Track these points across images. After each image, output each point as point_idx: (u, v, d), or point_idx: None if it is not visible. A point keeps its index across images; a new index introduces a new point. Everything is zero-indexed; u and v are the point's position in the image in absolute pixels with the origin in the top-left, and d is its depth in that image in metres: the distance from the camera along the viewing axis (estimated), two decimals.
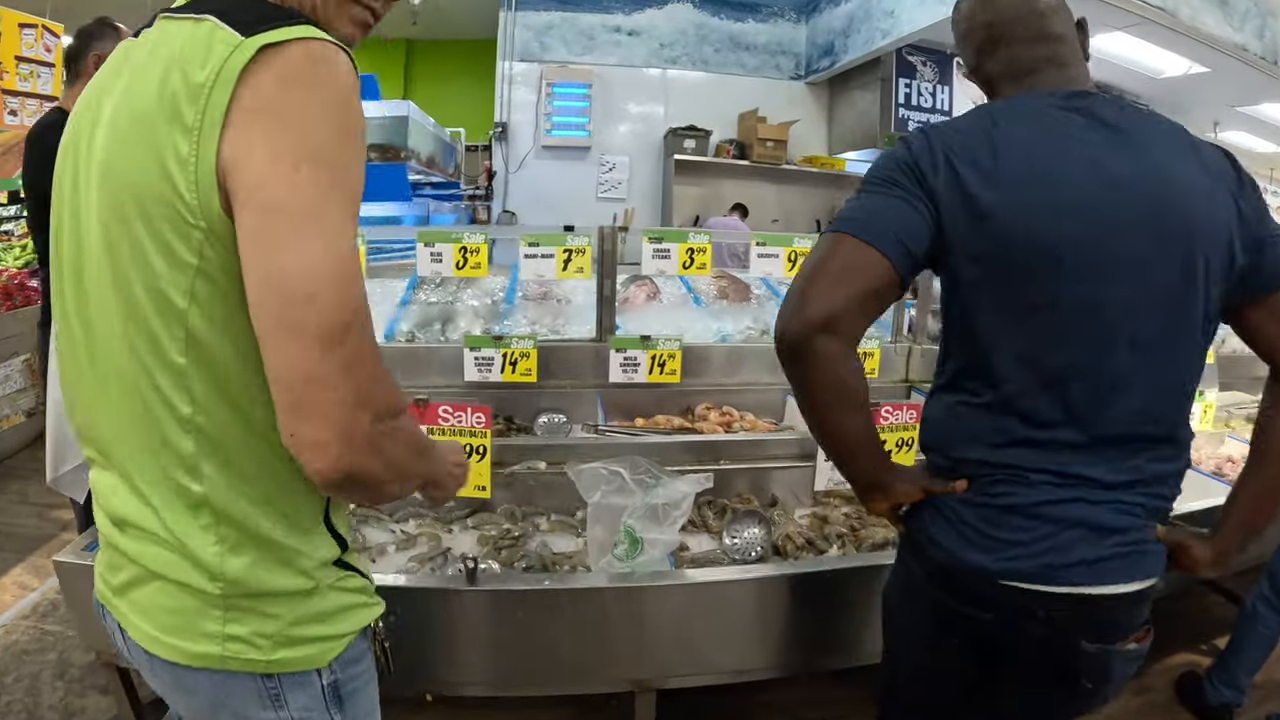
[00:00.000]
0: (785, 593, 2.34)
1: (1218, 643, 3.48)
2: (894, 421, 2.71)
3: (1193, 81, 9.30)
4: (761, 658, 2.39)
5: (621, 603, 2.22)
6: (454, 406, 2.43)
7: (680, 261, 3.48)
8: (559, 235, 3.32)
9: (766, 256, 3.56)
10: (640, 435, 3.10)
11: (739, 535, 2.66)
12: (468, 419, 2.44)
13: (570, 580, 2.23)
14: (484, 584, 2.12)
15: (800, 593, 2.34)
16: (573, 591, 2.19)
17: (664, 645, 2.30)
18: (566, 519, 2.77)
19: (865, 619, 2.32)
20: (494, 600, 2.16)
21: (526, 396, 3.41)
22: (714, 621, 2.30)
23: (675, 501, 2.25)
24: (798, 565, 2.46)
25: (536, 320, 3.63)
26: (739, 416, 3.55)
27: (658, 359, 3.44)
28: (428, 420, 2.42)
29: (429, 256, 3.22)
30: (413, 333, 3.46)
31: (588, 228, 3.37)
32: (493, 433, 2.48)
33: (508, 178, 9.31)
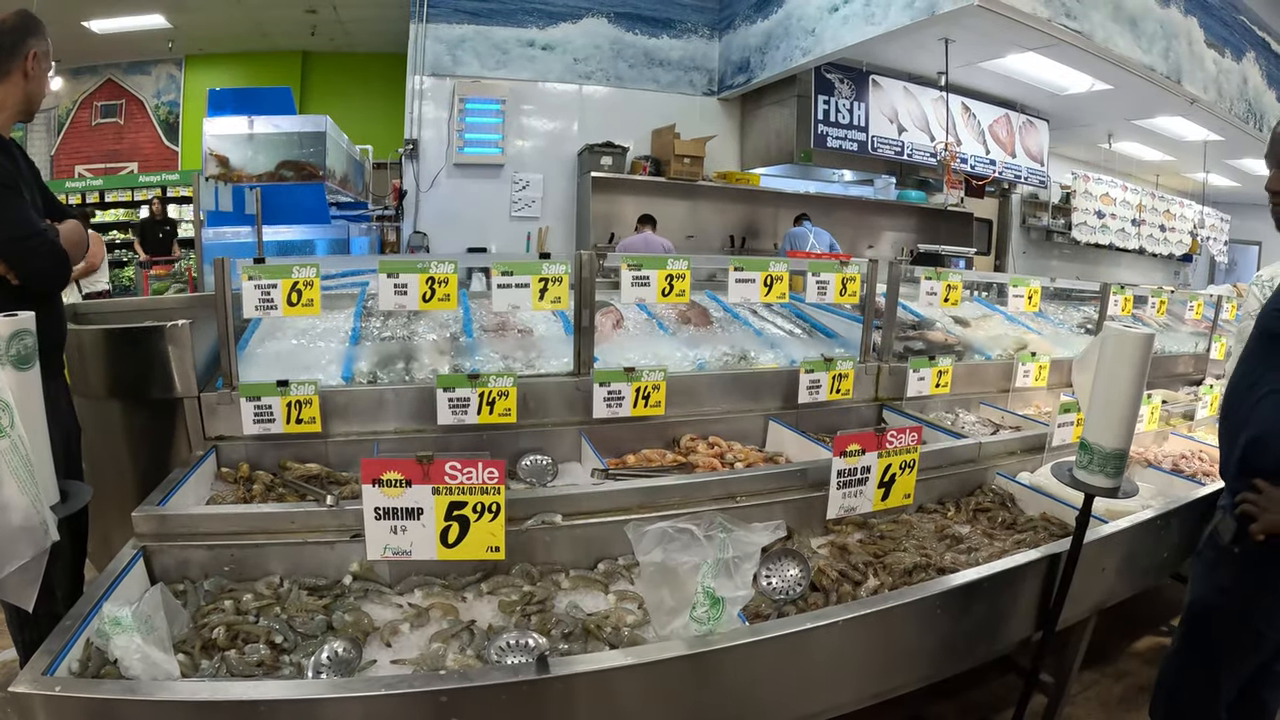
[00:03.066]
0: (888, 625, 2.24)
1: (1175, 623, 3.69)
2: (898, 445, 2.59)
3: (1094, 97, 9.71)
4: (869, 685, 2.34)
5: (728, 665, 2.01)
6: (463, 462, 2.15)
7: (659, 289, 3.28)
8: (534, 263, 3.07)
9: (744, 282, 3.43)
10: (656, 477, 2.86)
11: (777, 576, 2.47)
12: (479, 475, 2.15)
13: (656, 652, 1.95)
14: (559, 669, 1.83)
15: (899, 621, 2.25)
16: (667, 664, 1.92)
17: (778, 696, 2.14)
18: (587, 574, 2.51)
19: (967, 630, 2.39)
20: (578, 688, 1.86)
21: (505, 437, 3.14)
22: (817, 665, 2.18)
23: (747, 554, 2.05)
24: (901, 596, 2.30)
25: (507, 355, 3.36)
26: (728, 447, 3.37)
27: (642, 391, 3.24)
28: (433, 479, 2.13)
29: (392, 289, 2.92)
30: (374, 373, 3.14)
31: (562, 255, 3.13)
32: None
33: (419, 197, 8.98)
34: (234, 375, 2.96)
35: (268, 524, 2.37)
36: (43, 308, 2.75)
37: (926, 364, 3.86)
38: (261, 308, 2.85)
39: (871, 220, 11.79)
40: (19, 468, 1.78)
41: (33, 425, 1.91)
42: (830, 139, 9.42)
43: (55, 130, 14.35)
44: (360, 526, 2.18)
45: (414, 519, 2.11)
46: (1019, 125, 11.56)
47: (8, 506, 1.78)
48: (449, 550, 2.14)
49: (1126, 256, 13.84)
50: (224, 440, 2.96)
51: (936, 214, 11.89)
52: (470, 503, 2.12)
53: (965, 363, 4.20)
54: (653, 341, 3.81)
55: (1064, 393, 4.19)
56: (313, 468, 2.89)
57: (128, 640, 1.72)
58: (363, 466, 2.07)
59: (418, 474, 2.10)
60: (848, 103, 9.53)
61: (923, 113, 10.33)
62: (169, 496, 2.44)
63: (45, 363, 2.76)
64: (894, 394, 3.89)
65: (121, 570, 2.13)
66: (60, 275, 2.70)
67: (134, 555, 2.21)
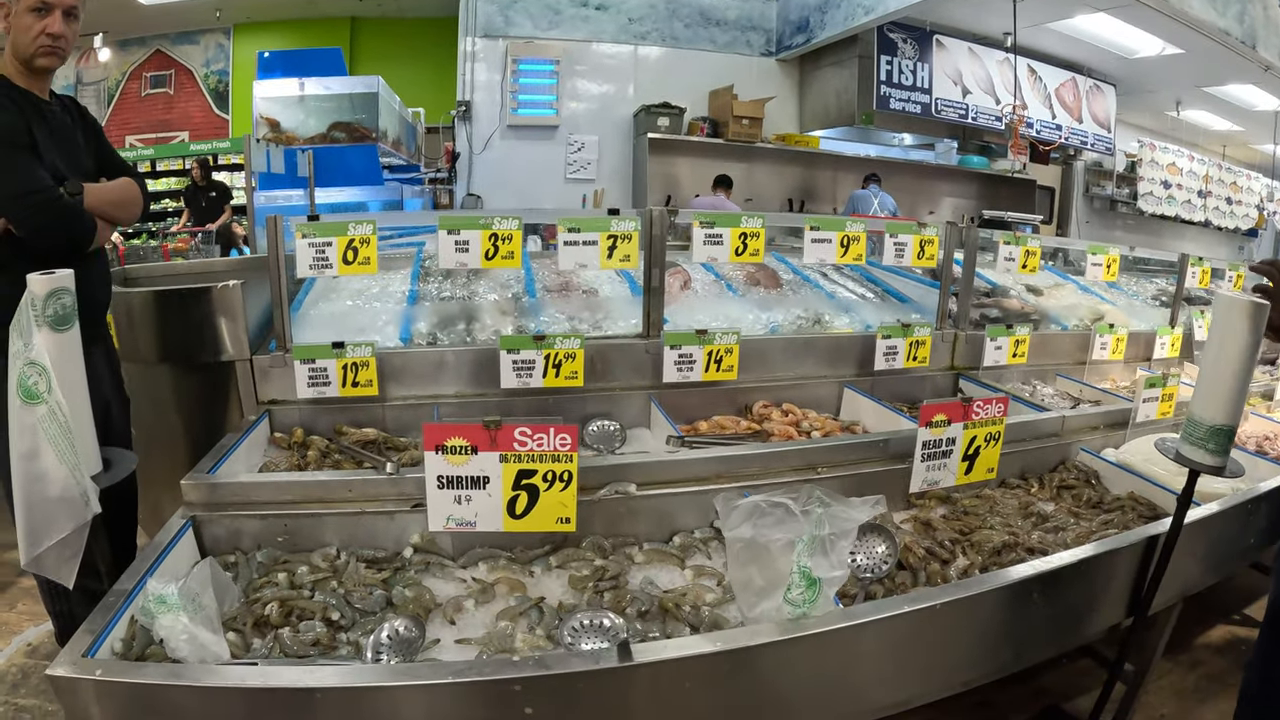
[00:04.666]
0: (985, 609, 2.05)
1: (1249, 612, 3.73)
2: (984, 416, 2.45)
3: (1164, 62, 9.33)
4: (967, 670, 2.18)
5: (824, 651, 1.84)
6: (533, 428, 1.97)
7: (732, 248, 3.07)
8: (602, 219, 2.88)
9: (820, 242, 3.21)
10: (734, 445, 2.67)
11: (863, 553, 2.28)
12: (550, 441, 1.98)
13: (748, 636, 1.76)
14: (644, 656, 1.64)
15: (995, 605, 2.07)
16: (760, 651, 1.73)
17: (871, 684, 2.00)
18: (662, 547, 2.34)
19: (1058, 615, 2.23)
20: (664, 676, 1.67)
21: (571, 402, 2.96)
22: (913, 650, 2.00)
23: (844, 532, 1.85)
24: (999, 578, 2.09)
25: (572, 316, 3.17)
26: (802, 414, 3.18)
27: (714, 355, 3.06)
28: (501, 445, 1.96)
29: (453, 246, 2.74)
30: (433, 334, 2.97)
31: (631, 211, 2.93)
32: None
33: (472, 159, 8.80)
34: (287, 337, 2.82)
35: (323, 493, 2.22)
36: (83, 267, 2.65)
37: (1004, 332, 3.63)
38: (316, 267, 2.70)
39: (931, 185, 11.38)
40: (57, 436, 1.64)
41: (72, 390, 1.77)
42: (893, 101, 9.08)
43: (105, 102, 14.42)
44: (421, 496, 2.02)
45: (479, 488, 1.97)
46: (1086, 90, 11.08)
47: (45, 477, 1.64)
48: (516, 521, 2.00)
49: (1191, 229, 13.27)
50: (277, 405, 2.82)
51: (998, 180, 11.46)
52: (540, 471, 1.97)
53: (1040, 332, 3.95)
54: (722, 303, 3.60)
55: (1141, 367, 4.06)
56: (369, 433, 2.73)
57: (173, 620, 1.57)
58: (425, 432, 1.91)
59: (484, 440, 1.94)
60: (911, 64, 9.18)
61: (987, 75, 9.93)
62: (219, 464, 2.30)
63: (87, 326, 2.67)
64: (969, 363, 3.68)
65: (169, 542, 1.99)
66: (76, 234, 2.58)
67: (183, 525, 2.07)
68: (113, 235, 2.82)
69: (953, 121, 9.88)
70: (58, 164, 2.56)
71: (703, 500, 2.38)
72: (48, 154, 2.53)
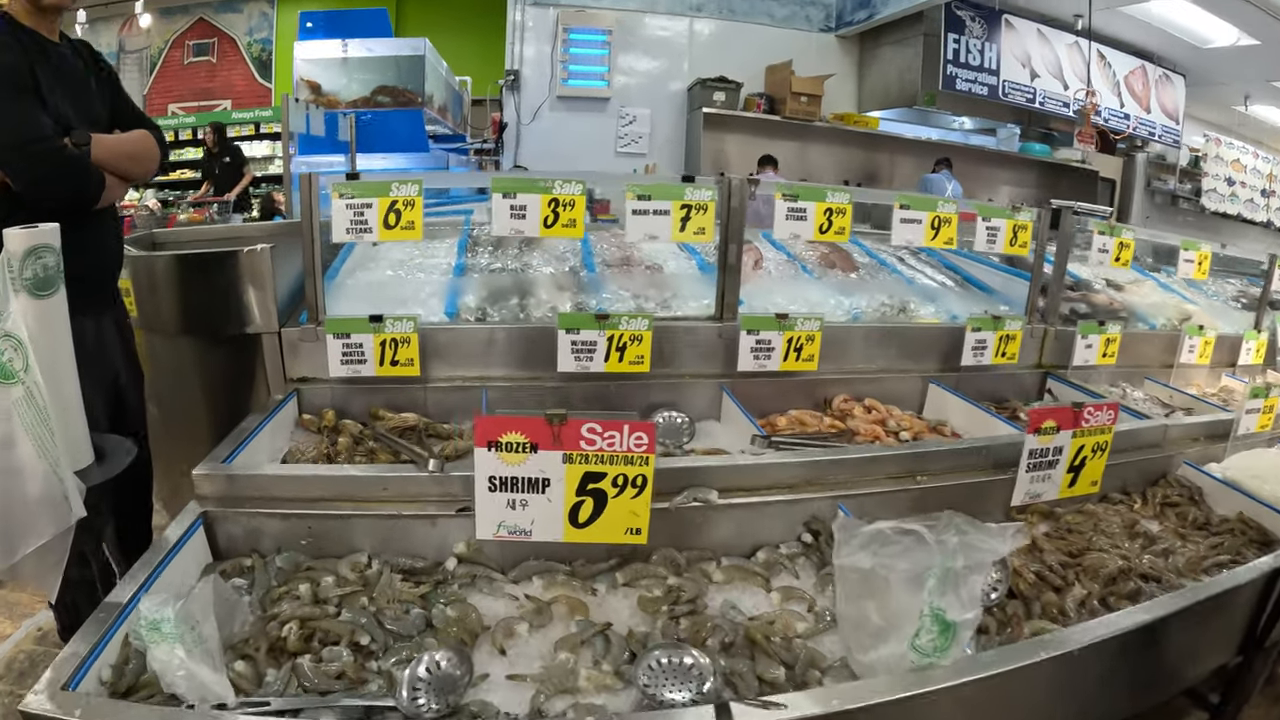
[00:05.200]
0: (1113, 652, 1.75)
1: None
2: (1094, 424, 2.19)
3: (1237, 53, 8.94)
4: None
5: (957, 707, 1.54)
6: (603, 424, 1.65)
7: (816, 224, 2.76)
8: (675, 187, 2.57)
9: (910, 223, 2.91)
10: (830, 448, 2.34)
11: None
12: (623, 440, 1.66)
13: (871, 692, 1.44)
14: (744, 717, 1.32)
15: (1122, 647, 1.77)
16: (885, 710, 1.43)
17: None
18: (743, 563, 2.04)
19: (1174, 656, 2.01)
20: None
21: (634, 389, 2.67)
22: (1051, 695, 1.73)
23: (979, 565, 1.52)
24: (1131, 616, 1.81)
25: (638, 294, 2.84)
26: (886, 412, 2.88)
27: (794, 343, 2.74)
28: (565, 443, 1.65)
29: (508, 211, 2.42)
30: (482, 309, 2.66)
31: (708, 178, 2.60)
32: None
33: (519, 130, 8.53)
34: (320, 308, 2.52)
35: (355, 490, 1.91)
36: (92, 227, 2.36)
37: (1096, 330, 3.29)
38: (354, 231, 2.40)
39: (989, 172, 10.86)
40: (35, 423, 1.35)
41: (56, 368, 1.48)
42: (960, 81, 8.65)
43: (148, 70, 14.28)
44: (468, 497, 1.72)
45: (538, 492, 1.67)
46: (1155, 79, 10.60)
47: (22, 472, 1.35)
48: (579, 531, 1.71)
49: (1253, 230, 12.63)
50: (307, 383, 2.53)
51: (1059, 170, 10.94)
52: (610, 474, 1.67)
53: (1125, 331, 3.56)
54: (797, 285, 3.26)
55: (1225, 373, 3.79)
56: (409, 418, 2.43)
57: (168, 653, 1.27)
58: (476, 426, 1.61)
59: (546, 437, 1.63)
60: (979, 43, 8.75)
61: (1056, 59, 9.50)
62: (240, 449, 2.00)
63: (94, 293, 2.39)
64: (1056, 361, 3.36)
65: (177, 541, 1.70)
66: (81, 189, 2.29)
67: (193, 522, 1.78)
68: (126, 193, 2.53)
69: (1020, 106, 9.45)
70: (64, 111, 2.27)
71: (791, 511, 2.11)
72: (53, 100, 2.24)
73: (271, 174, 12.23)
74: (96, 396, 2.40)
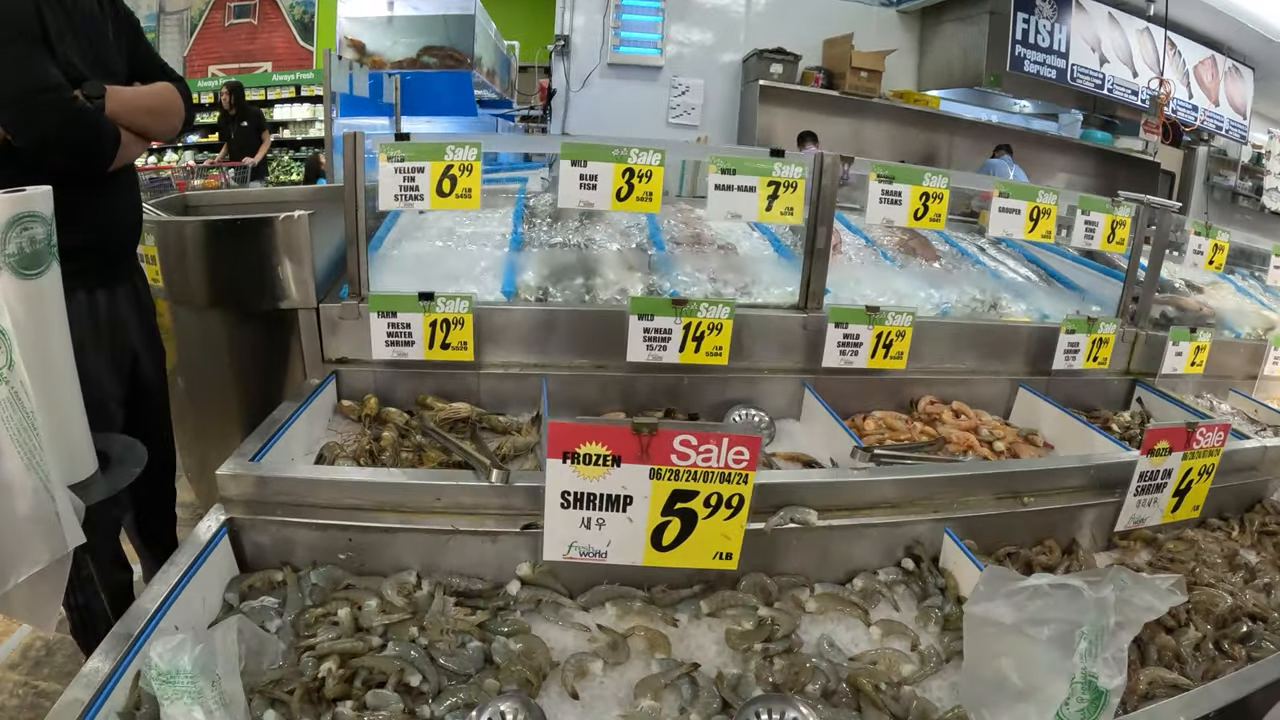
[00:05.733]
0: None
1: None
2: (1205, 445, 2.01)
3: None
4: None
5: None
6: (699, 436, 1.39)
7: (911, 209, 2.48)
8: (764, 161, 2.30)
9: (1008, 212, 2.63)
10: (944, 465, 2.11)
11: None
12: (721, 454, 1.40)
13: None
14: None
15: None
16: None
17: None
18: (838, 591, 1.78)
19: None
20: None
21: (709, 383, 2.42)
22: None
23: (1131, 622, 1.28)
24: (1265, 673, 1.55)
25: (715, 276, 2.57)
26: (975, 417, 2.61)
27: (883, 338, 2.48)
28: (654, 457, 1.39)
29: (577, 180, 2.16)
30: (544, 288, 2.40)
31: (796, 153, 2.33)
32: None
33: (568, 97, 8.24)
34: (363, 282, 2.27)
35: (403, 498, 1.65)
36: (106, 191, 2.10)
37: (1187, 336, 2.99)
38: (404, 198, 2.14)
39: (1045, 158, 10.38)
40: (23, 429, 1.10)
41: (49, 364, 1.24)
42: (1028, 63, 8.25)
43: (188, 31, 14.05)
44: (535, 511, 1.54)
45: (618, 510, 1.44)
46: (1224, 70, 10.11)
47: (10, 488, 1.10)
48: (661, 555, 1.49)
49: None
50: (347, 365, 2.29)
51: (1118, 159, 10.47)
52: (703, 493, 1.43)
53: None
54: (880, 274, 2.98)
55: None
56: (461, 408, 2.17)
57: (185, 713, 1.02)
58: (550, 434, 1.37)
59: (632, 448, 1.39)
60: (1049, 24, 8.34)
61: (1126, 45, 9.06)
62: (270, 443, 1.76)
63: (109, 264, 2.13)
64: (1144, 368, 3.07)
65: (199, 554, 1.46)
66: (93, 146, 1.99)
67: (218, 531, 1.54)
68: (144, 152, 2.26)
69: (1088, 91, 9.01)
70: (75, 60, 1.97)
71: (892, 534, 1.86)
72: (62, 47, 1.94)
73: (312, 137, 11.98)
74: (111, 380, 2.16)
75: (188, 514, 3.56)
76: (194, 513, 3.49)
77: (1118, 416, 2.78)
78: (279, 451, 1.77)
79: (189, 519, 3.52)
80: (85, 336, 2.01)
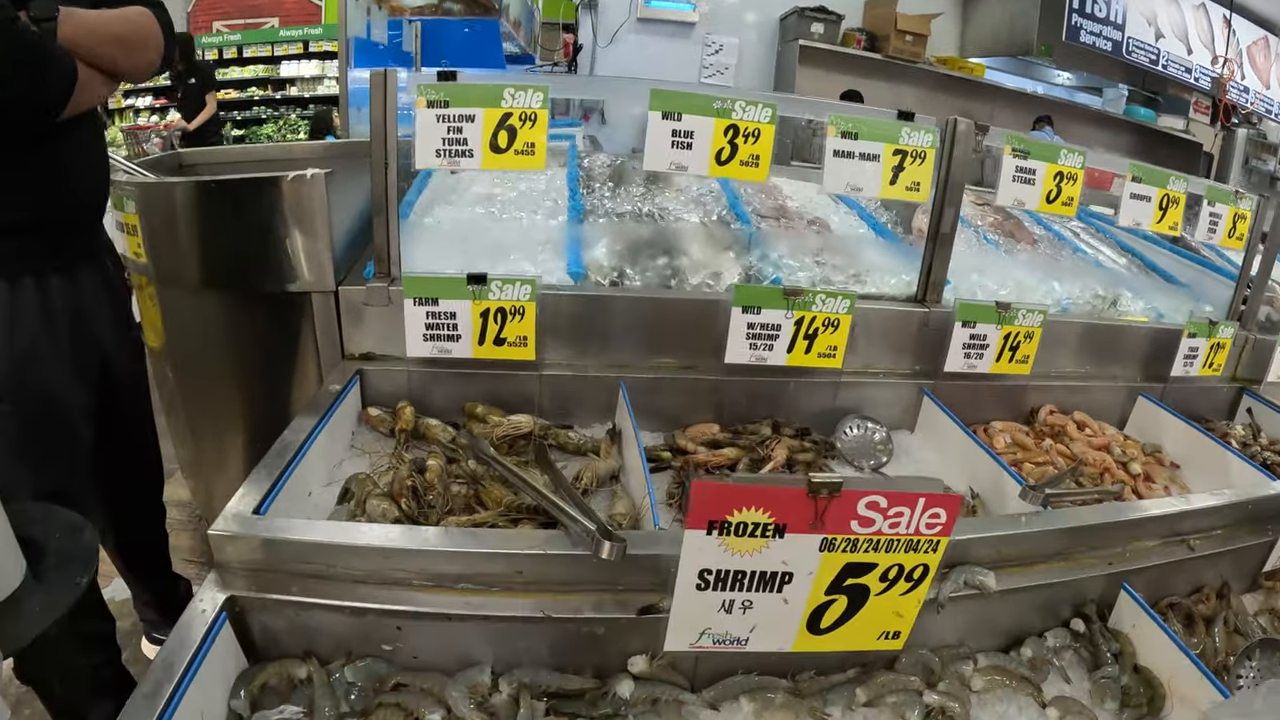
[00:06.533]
0: None
1: None
2: None
3: None
4: None
5: None
6: (890, 497, 0.99)
7: (1044, 192, 2.11)
8: (889, 125, 1.90)
9: (1139, 199, 2.28)
10: (1117, 505, 1.70)
11: None
12: (912, 520, 1.04)
13: None
14: None
15: None
16: None
17: None
18: (1004, 663, 1.45)
19: None
20: None
21: (816, 389, 2.00)
22: None
23: None
24: None
25: (821, 258, 2.14)
26: (1099, 431, 2.26)
27: (1010, 339, 2.08)
28: (832, 524, 1.01)
29: (669, 137, 1.71)
30: (619, 270, 1.95)
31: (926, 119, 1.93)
32: None
33: (595, 53, 7.81)
34: (393, 259, 1.83)
35: (472, 571, 1.20)
36: (56, 142, 1.60)
37: None
38: (448, 154, 1.69)
39: (1084, 133, 9.86)
40: None
41: None
42: (1084, 33, 7.77)
43: None
44: (653, 586, 1.17)
45: (771, 590, 1.11)
46: (1278, 51, 9.63)
47: None
48: (817, 638, 1.19)
49: None
50: (372, 361, 1.85)
51: (1156, 137, 9.98)
52: (882, 565, 1.12)
53: None
54: (988, 260, 2.55)
55: None
56: (523, 422, 1.74)
57: None
58: (693, 497, 1.00)
59: (804, 515, 1.04)
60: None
61: (1182, 20, 8.70)
62: (280, 483, 1.31)
63: (65, 240, 1.67)
64: (1249, 374, 2.71)
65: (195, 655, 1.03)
66: (39, 83, 1.47)
67: (216, 618, 1.10)
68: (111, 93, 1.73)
69: (1142, 66, 8.58)
70: None
71: (1060, 593, 1.54)
72: None
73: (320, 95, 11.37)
74: (74, 389, 1.70)
75: (184, 515, 3.14)
76: (190, 514, 3.06)
77: (1233, 429, 2.46)
78: (291, 495, 1.33)
79: (186, 522, 3.10)
80: (36, 336, 1.57)
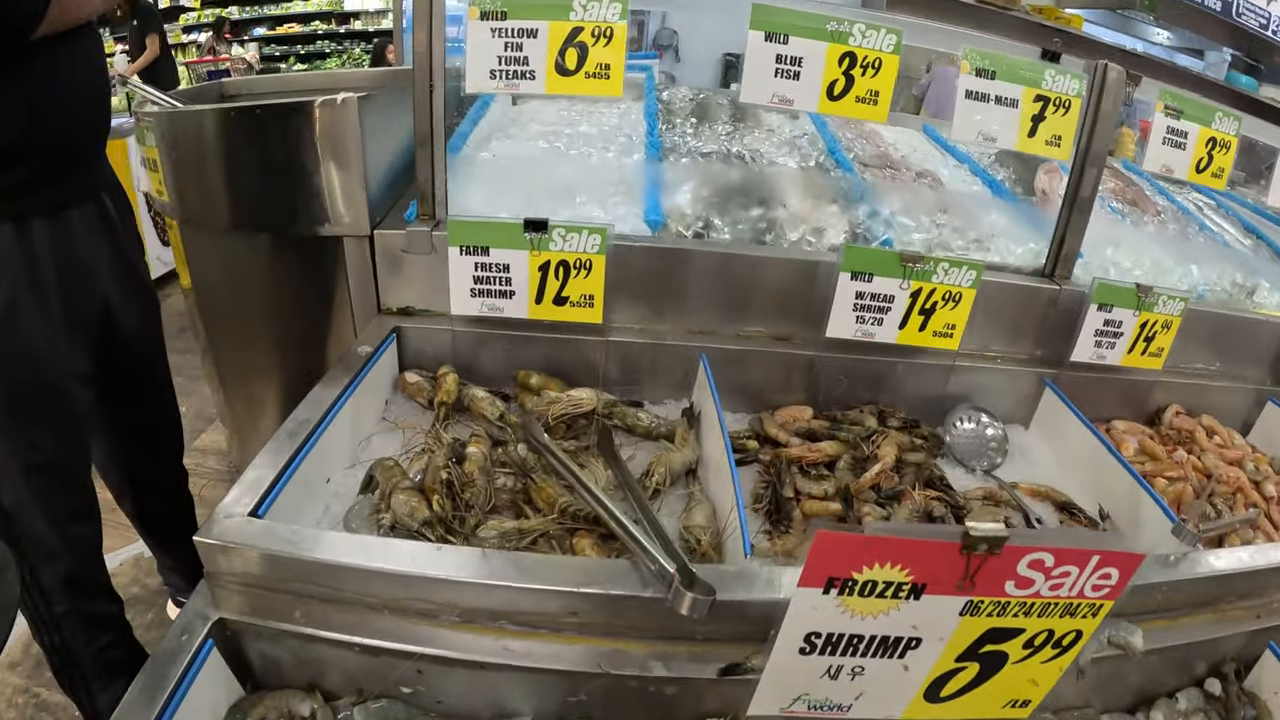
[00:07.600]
0: None
1: None
2: None
3: None
4: None
5: None
6: (1056, 553, 0.75)
7: (1194, 160, 1.83)
8: (1033, 66, 1.64)
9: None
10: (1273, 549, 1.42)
11: None
12: (1079, 581, 0.79)
13: None
14: None
15: None
16: None
17: None
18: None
19: None
20: None
21: (924, 372, 1.73)
22: None
23: None
24: None
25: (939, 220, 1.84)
26: (1229, 439, 1.95)
27: (1147, 328, 1.78)
28: (983, 585, 0.77)
29: (773, 64, 1.44)
30: (705, 218, 1.68)
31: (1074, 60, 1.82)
32: None
33: None
34: (438, 199, 1.58)
35: (513, 608, 0.94)
36: (38, 66, 1.30)
37: None
38: (505, 75, 1.44)
39: None
40: None
41: None
42: None
43: None
44: (738, 636, 0.94)
45: (891, 655, 0.87)
46: None
47: None
48: (934, 706, 0.96)
49: None
50: (412, 319, 1.61)
51: (1255, 109, 9.34)
52: (1030, 631, 0.87)
53: None
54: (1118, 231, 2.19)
55: None
56: (584, 398, 1.48)
57: None
58: (814, 546, 0.75)
59: (950, 574, 0.79)
60: None
61: None
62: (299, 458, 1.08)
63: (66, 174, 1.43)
64: None
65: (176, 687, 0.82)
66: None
67: (201, 645, 0.87)
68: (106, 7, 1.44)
69: (1251, 30, 7.91)
70: None
71: (1200, 649, 1.30)
72: None
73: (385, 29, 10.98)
74: (68, 351, 1.48)
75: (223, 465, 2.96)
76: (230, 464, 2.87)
77: None
78: (310, 470, 1.10)
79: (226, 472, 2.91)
80: (15, 289, 1.34)
